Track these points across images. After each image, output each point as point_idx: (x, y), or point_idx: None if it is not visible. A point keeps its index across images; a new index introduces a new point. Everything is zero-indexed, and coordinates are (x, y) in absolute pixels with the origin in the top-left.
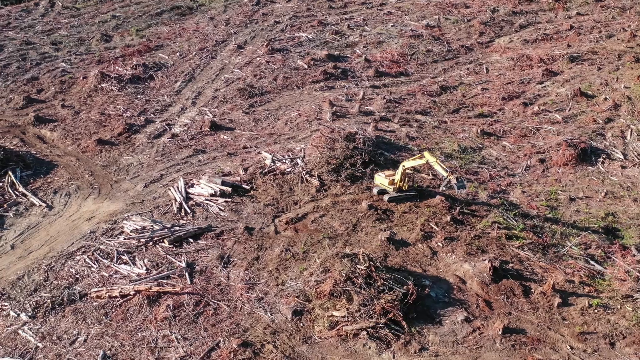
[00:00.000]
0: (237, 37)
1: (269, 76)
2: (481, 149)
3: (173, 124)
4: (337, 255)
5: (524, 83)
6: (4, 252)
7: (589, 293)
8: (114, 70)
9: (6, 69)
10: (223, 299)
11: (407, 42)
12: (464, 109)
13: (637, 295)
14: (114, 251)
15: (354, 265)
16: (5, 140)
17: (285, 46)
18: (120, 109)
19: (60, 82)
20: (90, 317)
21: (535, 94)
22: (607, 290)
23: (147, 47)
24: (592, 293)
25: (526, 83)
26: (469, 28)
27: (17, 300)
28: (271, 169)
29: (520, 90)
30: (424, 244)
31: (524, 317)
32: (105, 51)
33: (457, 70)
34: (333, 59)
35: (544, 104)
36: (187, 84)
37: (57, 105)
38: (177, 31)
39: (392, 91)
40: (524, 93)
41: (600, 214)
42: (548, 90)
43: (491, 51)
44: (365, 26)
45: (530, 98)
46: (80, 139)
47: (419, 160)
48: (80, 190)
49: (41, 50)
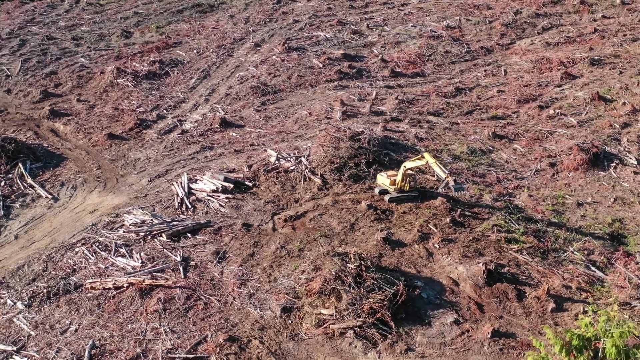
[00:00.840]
0: (255, 36)
1: (283, 74)
2: (491, 152)
3: (184, 120)
4: (328, 254)
5: (541, 86)
6: (8, 242)
7: (586, 299)
8: (131, 66)
9: (26, 63)
10: (214, 294)
11: (425, 43)
12: (478, 111)
13: (635, 302)
14: (112, 244)
15: (345, 264)
16: (19, 132)
17: (302, 45)
18: (134, 105)
19: (78, 77)
20: (83, 307)
21: (552, 97)
22: (604, 297)
23: (165, 44)
24: (588, 299)
25: (544, 86)
26: (490, 30)
27: (15, 289)
28: (275, 166)
29: (537, 93)
30: (421, 245)
31: (515, 321)
32: (124, 47)
33: (475, 72)
34: (349, 59)
35: (560, 108)
36: (202, 80)
37: (72, 100)
38: (196, 28)
39: (406, 92)
40: (541, 96)
41: (607, 219)
42: (566, 93)
43: (511, 53)
44: (384, 26)
45: (546, 101)
46: (92, 133)
47: (420, 161)
48: (86, 184)
49: (62, 46)
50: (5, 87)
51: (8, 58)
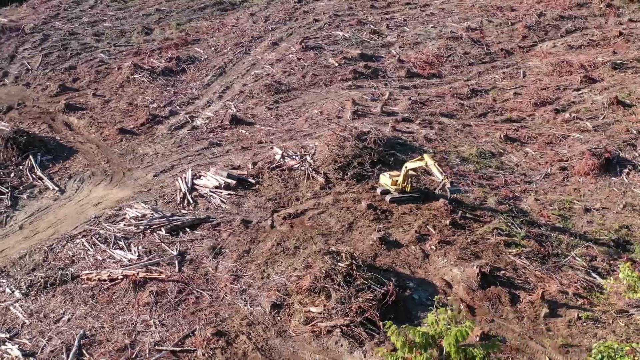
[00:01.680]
0: (273, 34)
1: (298, 73)
2: (501, 154)
3: (196, 117)
4: (319, 252)
5: (560, 89)
6: (12, 232)
7: (582, 305)
8: (148, 62)
9: (47, 57)
10: (207, 289)
11: (444, 44)
12: (492, 114)
13: (632, 310)
14: (112, 236)
15: (335, 262)
16: (34, 125)
17: (320, 44)
18: (148, 100)
19: (96, 72)
20: (77, 298)
21: (569, 101)
22: (602, 304)
23: (184, 41)
24: (585, 306)
25: (562, 89)
26: (512, 32)
27: (15, 278)
28: (279, 164)
29: (555, 96)
30: (417, 246)
31: (506, 326)
32: (144, 43)
33: (493, 74)
34: (365, 59)
35: (576, 112)
36: (218, 78)
37: (89, 94)
38: (216, 26)
39: (420, 92)
40: (558, 100)
41: (614, 226)
42: (584, 97)
43: (532, 56)
44: (404, 27)
45: (563, 105)
46: (104, 128)
47: (420, 162)
48: (93, 177)
49: (83, 41)
50: (25, 81)
51: (30, 52)
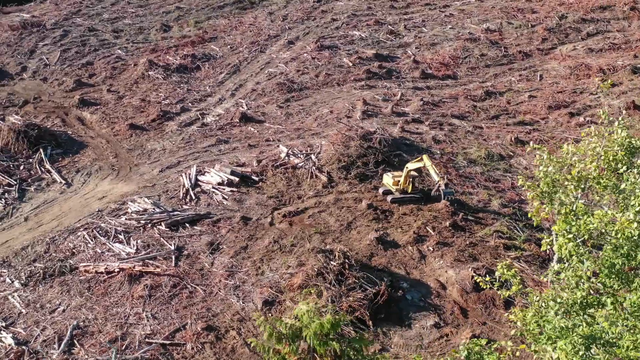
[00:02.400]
0: (290, 33)
1: (312, 72)
2: (511, 157)
3: (207, 114)
4: (312, 250)
5: (576, 93)
6: (18, 223)
7: None
8: (164, 59)
9: (65, 53)
10: (201, 284)
11: (461, 45)
12: (505, 116)
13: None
14: (112, 230)
15: (328, 261)
16: (48, 119)
17: (336, 44)
18: (161, 97)
19: (112, 68)
20: (74, 289)
21: (585, 105)
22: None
23: (201, 39)
24: None
25: (579, 93)
26: (532, 34)
27: (16, 269)
28: (283, 162)
29: (571, 100)
30: (415, 247)
31: (498, 329)
32: (161, 41)
33: (509, 76)
34: (380, 59)
35: (592, 116)
36: (231, 76)
37: (103, 90)
38: (234, 24)
39: (433, 94)
40: (574, 103)
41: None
42: (601, 101)
43: (550, 58)
44: (422, 27)
45: (579, 108)
46: (116, 123)
47: (419, 163)
48: (101, 171)
49: (102, 37)
50: (43, 76)
51: (49, 48)
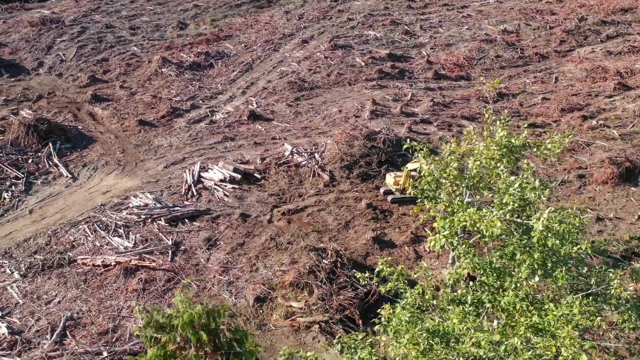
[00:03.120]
0: (305, 32)
1: (323, 71)
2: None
3: (216, 111)
4: (305, 248)
5: (591, 96)
6: (22, 216)
7: None
8: (178, 56)
9: (82, 49)
10: (195, 279)
11: (477, 46)
12: (516, 118)
13: None
14: (112, 224)
15: (320, 259)
16: (60, 114)
17: (350, 43)
18: (173, 93)
19: (127, 64)
20: (71, 281)
21: (599, 108)
22: None
23: (216, 37)
24: None
25: (594, 96)
26: (550, 35)
27: (17, 260)
28: (286, 160)
29: (585, 102)
30: (411, 247)
31: None
32: (177, 38)
33: (524, 78)
34: (394, 59)
35: (605, 119)
36: (244, 74)
37: (116, 86)
38: (249, 23)
39: (445, 94)
40: (588, 106)
41: (625, 237)
42: (616, 104)
43: (567, 61)
44: (439, 28)
45: (592, 112)
46: (126, 119)
47: (417, 164)
48: (107, 166)
49: (118, 34)
50: (58, 71)
51: (66, 44)
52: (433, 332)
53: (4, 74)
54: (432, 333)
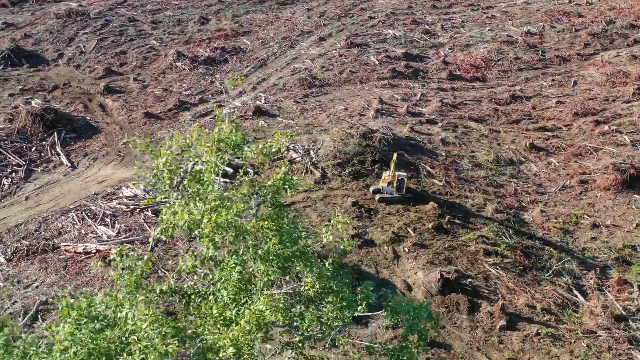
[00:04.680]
0: (324, 30)
1: (336, 69)
2: (522, 163)
3: (224, 106)
4: None
5: (608, 100)
6: (18, 202)
7: (547, 322)
8: (195, 51)
9: (102, 41)
10: (172, 269)
11: (497, 48)
12: (527, 121)
13: (601, 332)
14: (100, 213)
15: None
16: (72, 105)
17: (367, 42)
18: (184, 87)
19: (144, 58)
20: (52, 267)
21: (615, 113)
22: (570, 322)
23: (235, 32)
24: (550, 322)
25: (611, 101)
26: (574, 38)
27: (5, 244)
28: (281, 156)
29: (601, 107)
30: (391, 246)
31: (456, 334)
32: (197, 33)
33: (541, 81)
34: (409, 58)
35: (619, 125)
36: (257, 69)
37: (130, 79)
38: (270, 19)
39: (456, 95)
40: (604, 111)
41: (619, 244)
42: (633, 110)
43: (589, 64)
44: (461, 28)
45: (607, 117)
46: (134, 111)
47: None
48: (107, 156)
49: (140, 28)
50: (76, 63)
51: (88, 36)
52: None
53: (25, 64)
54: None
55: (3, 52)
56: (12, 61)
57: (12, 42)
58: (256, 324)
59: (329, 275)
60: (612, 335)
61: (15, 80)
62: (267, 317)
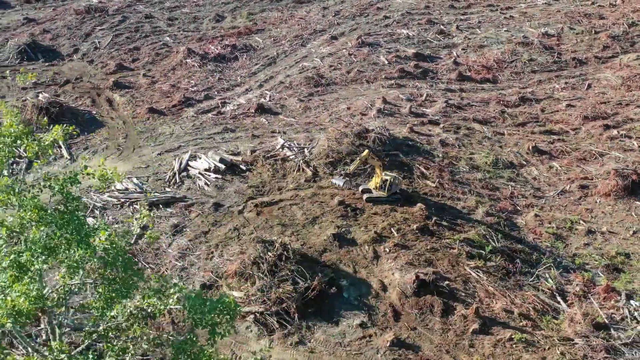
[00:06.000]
0: (337, 28)
1: (344, 68)
2: (522, 166)
3: (228, 103)
4: (254, 240)
5: (621, 104)
6: None
7: (522, 327)
8: (206, 48)
9: (117, 37)
10: (152, 262)
11: (511, 49)
12: (533, 124)
13: (577, 340)
14: (91, 204)
15: (266, 251)
16: (80, 99)
17: (378, 41)
18: (191, 84)
19: (156, 54)
20: None
21: (627, 118)
22: (548, 329)
23: (248, 30)
24: (526, 328)
25: (624, 105)
26: (593, 41)
27: None
28: (274, 153)
29: (613, 111)
30: (371, 246)
31: (426, 335)
32: (211, 30)
33: (554, 83)
34: (420, 58)
35: (629, 130)
36: (266, 67)
37: (140, 74)
38: (285, 17)
39: (464, 96)
40: (616, 115)
41: (612, 251)
42: None
43: (606, 67)
44: (476, 29)
45: (618, 121)
46: (139, 106)
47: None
48: (106, 150)
49: (156, 25)
50: (90, 58)
51: (104, 32)
52: None
53: (40, 58)
54: None
55: (20, 46)
56: (28, 56)
57: (31, 37)
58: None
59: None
60: (589, 343)
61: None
62: (18, 306)
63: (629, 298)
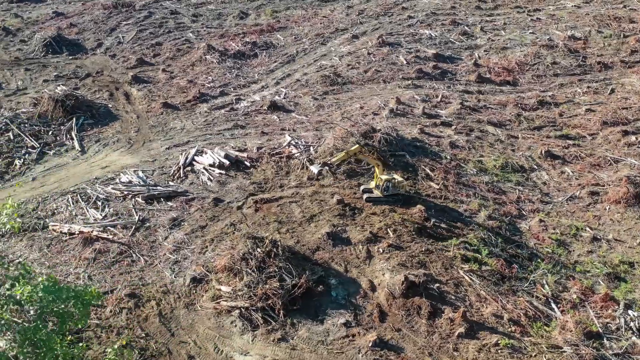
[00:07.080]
0: (359, 28)
1: (361, 68)
2: (533, 171)
3: (242, 100)
4: (244, 235)
5: None
6: (25, 182)
7: (510, 332)
8: (227, 44)
9: (141, 32)
10: (146, 254)
11: (534, 52)
12: (549, 128)
13: (566, 348)
14: (94, 196)
15: (255, 247)
16: (98, 92)
17: (399, 41)
18: (209, 80)
19: (177, 50)
20: (37, 245)
21: None
22: (537, 336)
23: (270, 27)
24: (514, 334)
25: None
26: (621, 45)
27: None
28: (279, 150)
29: (634, 117)
30: (365, 246)
31: (411, 337)
32: (234, 27)
33: (576, 87)
34: (440, 59)
35: None
36: (284, 65)
37: (159, 69)
38: (309, 16)
39: (481, 99)
40: (636, 121)
41: (615, 260)
42: None
43: (632, 72)
44: (501, 30)
45: (638, 127)
46: (155, 101)
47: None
48: (117, 143)
49: (180, 20)
50: (113, 52)
51: (129, 27)
52: None
53: (65, 52)
54: None
55: (45, 40)
56: (53, 49)
57: (57, 30)
58: None
59: None
60: (578, 352)
61: (52, 67)
62: None
63: (627, 308)
